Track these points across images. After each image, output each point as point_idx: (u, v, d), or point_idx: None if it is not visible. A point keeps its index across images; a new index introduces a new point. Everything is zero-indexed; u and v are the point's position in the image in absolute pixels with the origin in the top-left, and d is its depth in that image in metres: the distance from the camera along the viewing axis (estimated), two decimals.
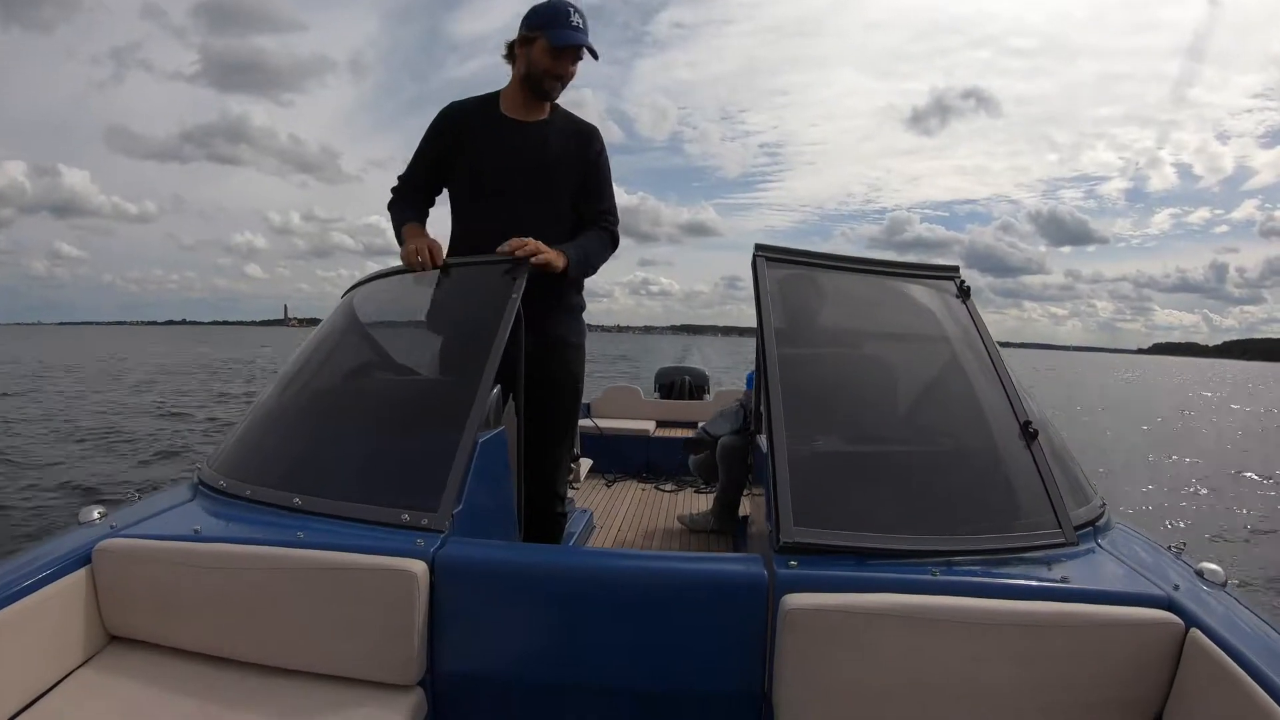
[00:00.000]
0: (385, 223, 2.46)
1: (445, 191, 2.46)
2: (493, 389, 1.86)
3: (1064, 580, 1.45)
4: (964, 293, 2.08)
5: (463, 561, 1.52)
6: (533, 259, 2.05)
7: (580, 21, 2.26)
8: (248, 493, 1.79)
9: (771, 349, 1.82)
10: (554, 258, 2.12)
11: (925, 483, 1.75)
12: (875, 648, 1.37)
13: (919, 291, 2.16)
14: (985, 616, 1.36)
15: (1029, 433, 1.73)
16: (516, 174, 2.30)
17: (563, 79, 2.28)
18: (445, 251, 2.27)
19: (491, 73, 2.30)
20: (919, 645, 1.36)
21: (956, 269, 2.13)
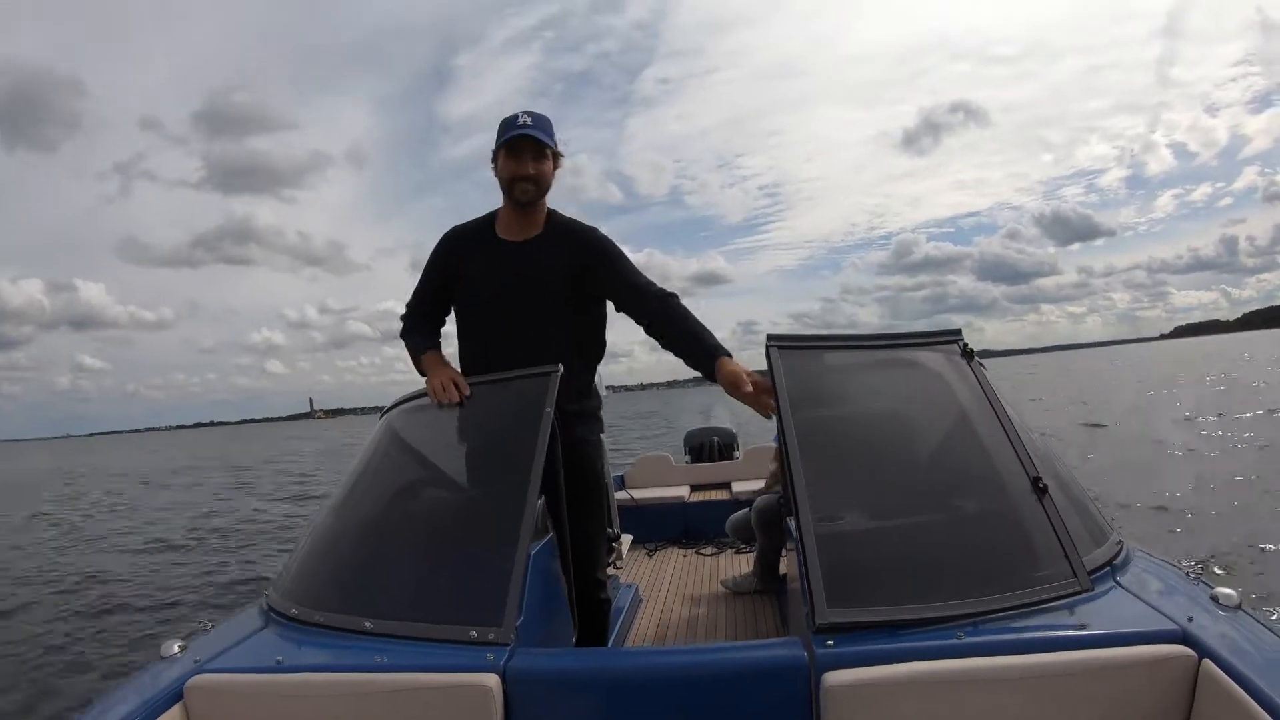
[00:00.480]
0: (400, 307, 2.60)
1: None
2: (538, 500, 1.98)
3: (1081, 627, 1.54)
4: (967, 354, 2.15)
5: (531, 671, 1.63)
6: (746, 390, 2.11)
7: (529, 119, 2.33)
8: (319, 619, 1.89)
9: (791, 435, 1.91)
10: (741, 376, 2.14)
11: (945, 549, 1.83)
12: (913, 714, 1.45)
13: (925, 358, 2.24)
14: (1010, 672, 1.45)
15: (1039, 488, 1.81)
16: (509, 291, 2.38)
17: (529, 179, 2.34)
18: (459, 365, 2.43)
19: (486, 150, 2.41)
20: (952, 706, 1.45)
21: (958, 332, 2.20)
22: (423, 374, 2.44)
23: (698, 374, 2.37)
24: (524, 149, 2.34)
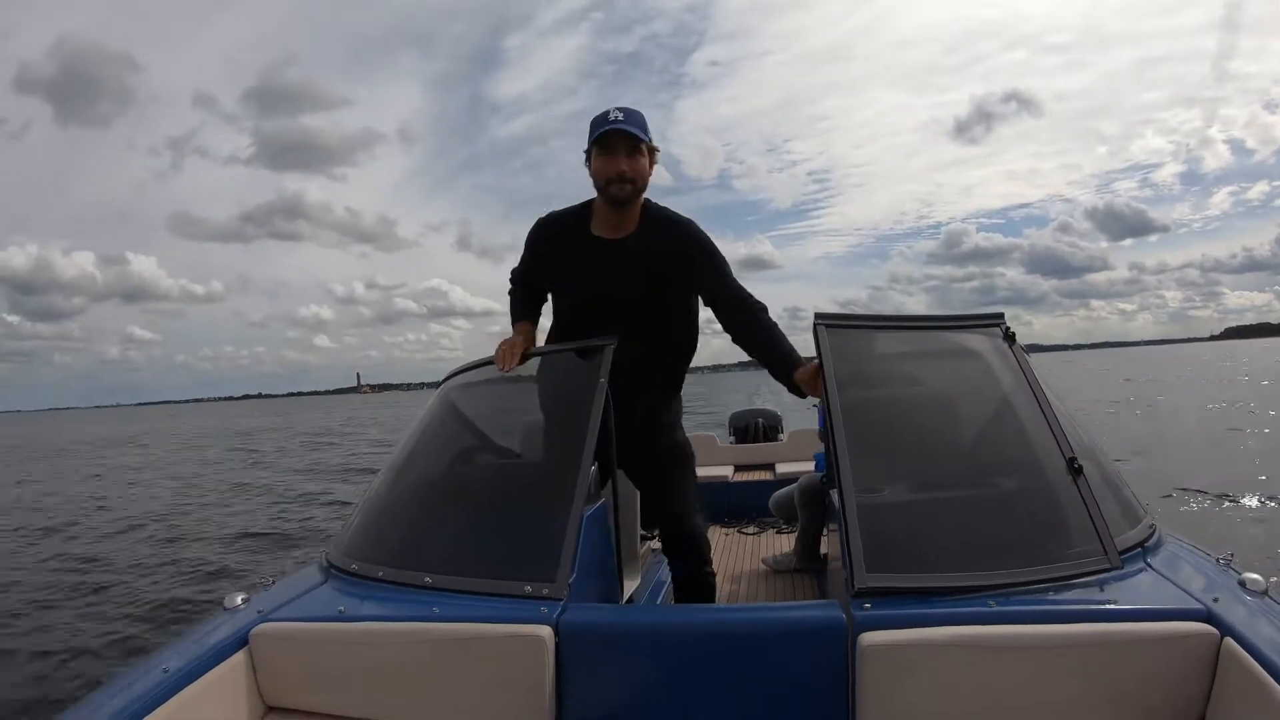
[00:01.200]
0: (447, 285, 2.69)
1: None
2: (591, 467, 2.05)
3: (1110, 602, 1.59)
4: (1009, 338, 2.18)
5: (582, 625, 1.71)
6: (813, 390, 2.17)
7: (620, 115, 2.26)
8: (380, 574, 1.98)
9: (836, 410, 1.96)
10: (810, 382, 2.17)
11: (980, 522, 1.89)
12: (943, 675, 1.52)
13: (967, 340, 2.28)
14: (1038, 640, 1.51)
15: (1074, 468, 1.85)
16: (606, 290, 2.35)
17: (625, 177, 2.27)
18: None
19: (534, 130, 2.40)
20: (981, 670, 1.51)
21: (1001, 316, 2.22)
22: None
23: (745, 358, 2.43)
24: (617, 145, 2.27)
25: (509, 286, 2.63)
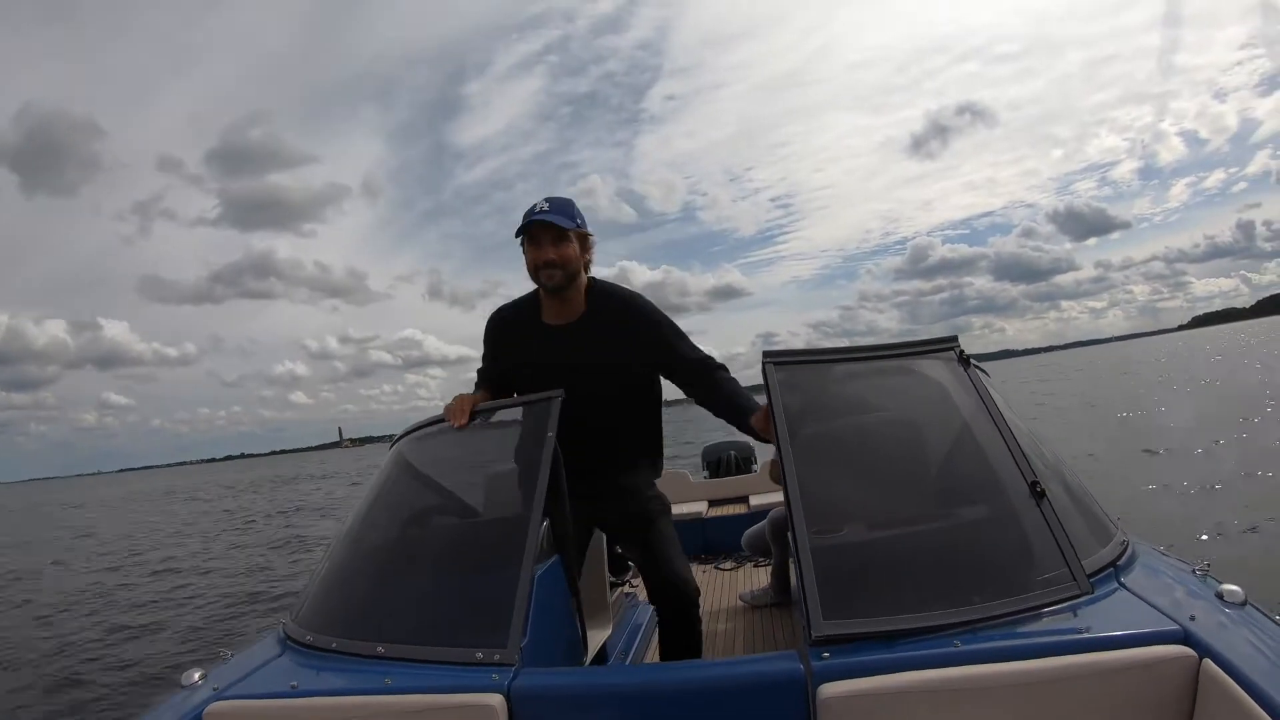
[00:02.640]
0: (420, 334, 2.68)
1: None
2: (541, 523, 2.00)
3: (1081, 631, 1.52)
4: (964, 361, 2.14)
5: (535, 690, 1.65)
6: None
7: (545, 205, 2.36)
8: (334, 645, 1.92)
9: (787, 451, 1.92)
10: (765, 424, 2.17)
11: (942, 556, 1.83)
12: None
13: (921, 366, 2.24)
14: (1006, 679, 1.44)
15: (1037, 491, 1.80)
16: (564, 379, 2.30)
17: (554, 264, 2.35)
18: None
19: (497, 175, 2.48)
20: (948, 715, 1.44)
21: (955, 339, 2.18)
22: None
23: None
24: (542, 235, 2.35)
25: (475, 383, 2.65)
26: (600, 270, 2.58)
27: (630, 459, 2.55)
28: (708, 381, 2.47)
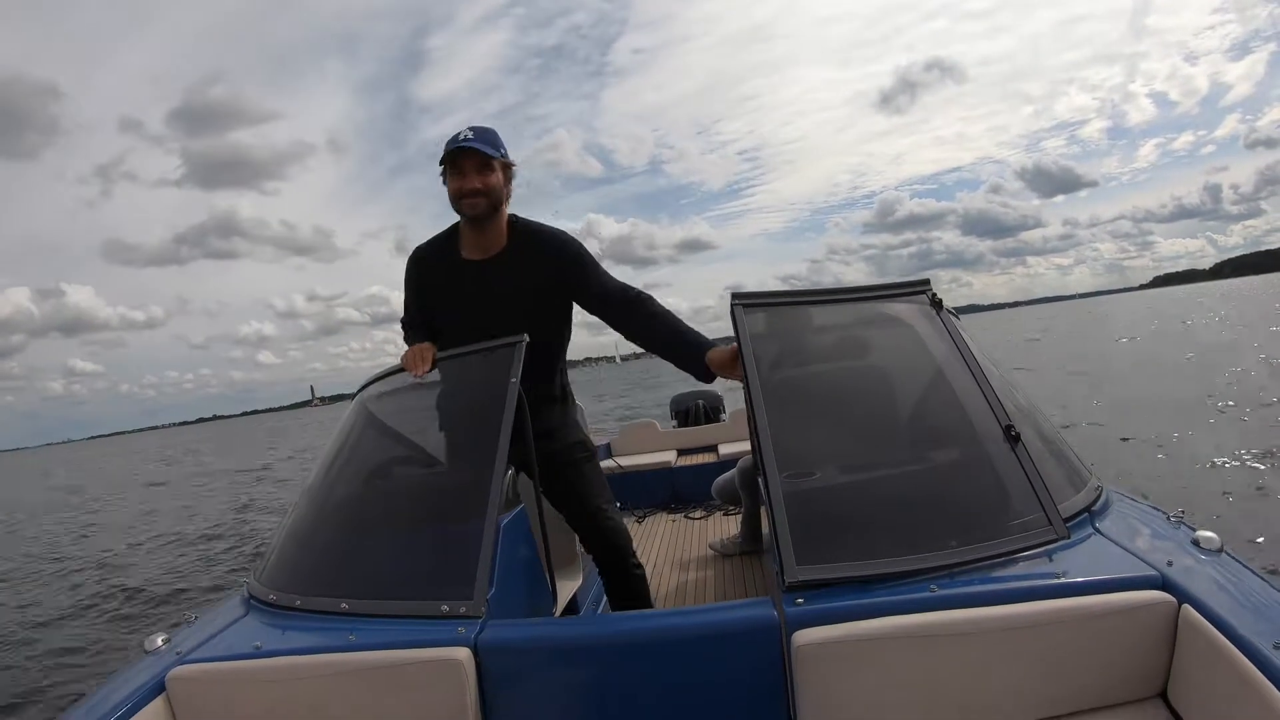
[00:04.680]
0: (388, 291, 2.57)
1: None
2: (506, 472, 1.96)
3: (1058, 575, 1.51)
4: (937, 305, 2.12)
5: (502, 643, 1.63)
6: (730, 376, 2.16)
7: (470, 133, 2.30)
8: (298, 603, 1.90)
9: (757, 394, 1.89)
10: (731, 355, 2.14)
11: (917, 501, 1.82)
12: (885, 669, 1.45)
13: (894, 310, 2.21)
14: (984, 624, 1.43)
15: (1011, 435, 1.79)
16: (479, 312, 2.35)
17: (478, 192, 2.30)
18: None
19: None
20: (925, 661, 1.44)
21: (927, 283, 2.16)
22: None
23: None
24: (465, 164, 2.31)
25: (402, 334, 2.59)
26: (567, 223, 2.50)
27: (549, 395, 2.50)
28: (640, 312, 2.42)
